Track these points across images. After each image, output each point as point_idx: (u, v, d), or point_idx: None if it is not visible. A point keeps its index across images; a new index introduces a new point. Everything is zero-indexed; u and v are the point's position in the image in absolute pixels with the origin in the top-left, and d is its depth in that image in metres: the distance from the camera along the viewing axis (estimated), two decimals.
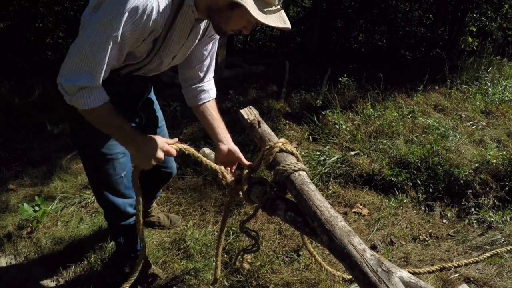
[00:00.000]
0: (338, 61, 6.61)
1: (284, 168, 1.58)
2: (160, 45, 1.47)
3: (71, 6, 6.44)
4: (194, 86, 1.78)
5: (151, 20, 1.31)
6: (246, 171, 1.67)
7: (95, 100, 1.34)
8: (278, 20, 1.35)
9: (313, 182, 1.63)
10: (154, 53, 1.50)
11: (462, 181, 2.91)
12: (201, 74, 1.78)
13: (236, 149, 1.78)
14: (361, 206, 2.80)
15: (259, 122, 1.86)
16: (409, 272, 1.84)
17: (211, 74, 1.83)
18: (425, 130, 3.71)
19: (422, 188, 2.94)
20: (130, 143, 1.45)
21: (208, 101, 1.81)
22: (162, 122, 2.05)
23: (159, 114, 2.03)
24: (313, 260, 2.17)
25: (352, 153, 3.33)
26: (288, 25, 1.37)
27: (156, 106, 2.02)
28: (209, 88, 1.81)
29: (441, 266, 2.22)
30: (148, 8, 1.27)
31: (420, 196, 2.89)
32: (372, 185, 3.01)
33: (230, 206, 1.93)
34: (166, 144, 1.49)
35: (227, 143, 1.77)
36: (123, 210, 1.84)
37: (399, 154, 3.19)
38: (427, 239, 2.53)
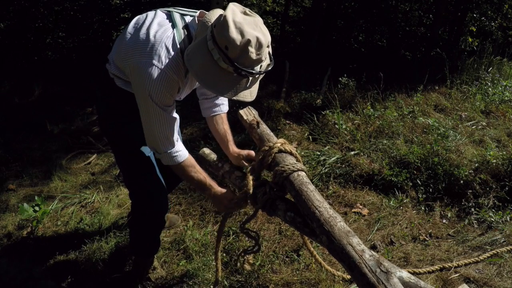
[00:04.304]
0: (338, 61, 6.58)
1: (283, 168, 1.57)
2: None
3: (71, 6, 6.43)
4: (207, 99, 1.90)
5: (173, 82, 1.47)
6: (249, 174, 1.70)
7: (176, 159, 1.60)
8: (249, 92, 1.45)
9: (313, 182, 1.63)
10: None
11: (462, 181, 2.91)
12: None
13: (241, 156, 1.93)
14: (361, 206, 2.80)
15: (258, 123, 1.86)
16: (409, 272, 1.84)
17: None
18: (425, 130, 3.71)
19: (422, 188, 2.94)
20: (207, 195, 1.75)
21: (219, 114, 1.92)
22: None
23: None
24: (313, 260, 2.17)
25: (352, 153, 3.32)
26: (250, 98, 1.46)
27: None
28: (220, 103, 1.92)
29: (441, 266, 2.22)
30: (164, 77, 1.43)
31: (420, 196, 2.88)
32: (372, 185, 3.01)
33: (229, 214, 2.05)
34: (230, 204, 1.69)
35: (233, 153, 1.94)
36: (152, 193, 1.88)
37: (399, 154, 3.19)
38: (427, 239, 2.53)
